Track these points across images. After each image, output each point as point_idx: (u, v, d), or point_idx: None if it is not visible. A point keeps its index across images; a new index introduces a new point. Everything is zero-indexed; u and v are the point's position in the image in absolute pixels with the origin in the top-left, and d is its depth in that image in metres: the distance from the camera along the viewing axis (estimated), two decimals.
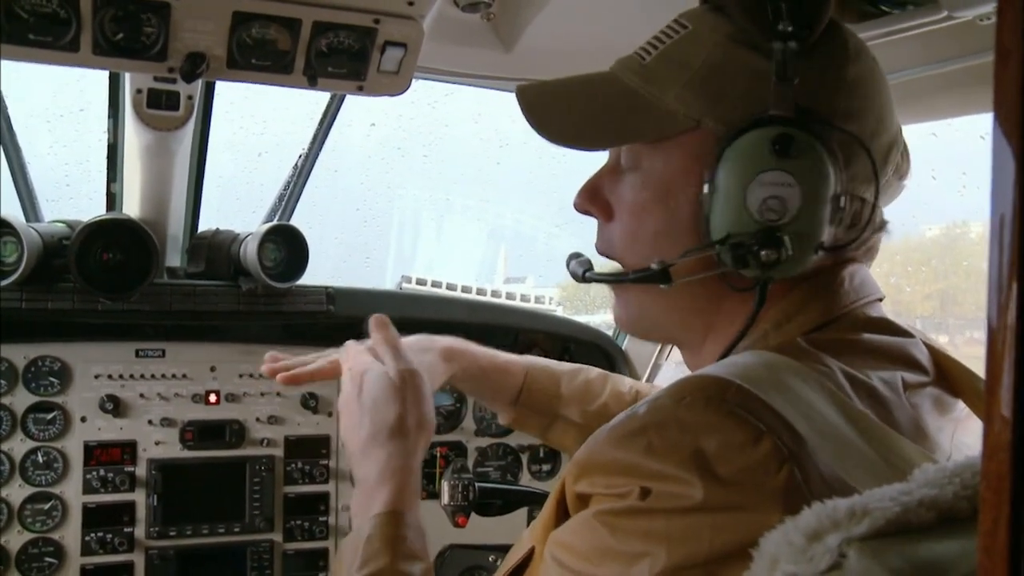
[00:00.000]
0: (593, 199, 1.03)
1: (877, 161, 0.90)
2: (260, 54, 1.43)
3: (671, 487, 0.72)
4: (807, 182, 0.86)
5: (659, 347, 2.45)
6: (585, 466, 0.81)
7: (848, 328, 0.90)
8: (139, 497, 2.08)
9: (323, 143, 2.32)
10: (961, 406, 0.93)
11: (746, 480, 0.70)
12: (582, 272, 1.08)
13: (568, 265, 1.11)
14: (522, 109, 1.03)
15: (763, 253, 0.86)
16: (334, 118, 2.26)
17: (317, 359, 1.48)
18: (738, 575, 0.67)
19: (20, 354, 2.04)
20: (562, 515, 0.87)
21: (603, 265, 1.09)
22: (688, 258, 0.92)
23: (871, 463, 0.74)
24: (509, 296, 2.64)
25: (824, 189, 0.86)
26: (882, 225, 0.98)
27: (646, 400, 0.80)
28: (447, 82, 1.87)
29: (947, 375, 0.93)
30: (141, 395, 2.11)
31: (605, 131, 0.99)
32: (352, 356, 1.30)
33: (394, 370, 1.23)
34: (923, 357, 0.92)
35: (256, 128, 2.63)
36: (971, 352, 1.01)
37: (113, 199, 2.11)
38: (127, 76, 1.56)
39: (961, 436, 0.89)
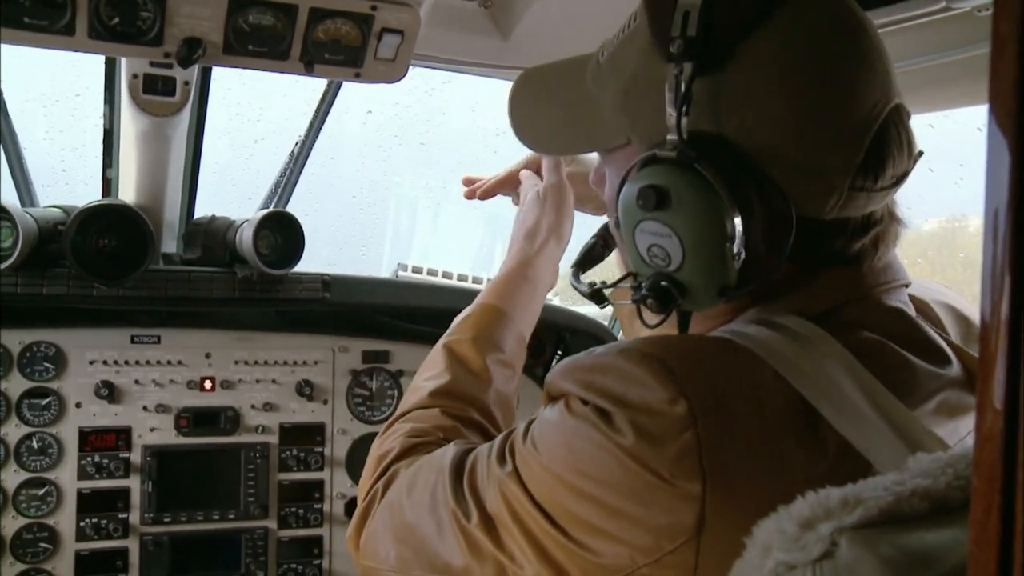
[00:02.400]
0: (599, 181, 1.03)
1: (807, 176, 0.80)
2: (257, 40, 1.43)
3: (607, 413, 0.76)
4: (687, 231, 0.79)
5: None
6: (549, 384, 0.85)
7: (849, 323, 0.84)
8: (134, 483, 2.08)
9: (320, 130, 2.32)
10: (967, 401, 0.87)
11: (652, 434, 0.73)
12: (580, 269, 1.17)
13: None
14: (509, 109, 1.06)
15: (649, 302, 0.85)
16: (331, 105, 2.25)
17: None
18: (624, 513, 0.74)
19: (15, 339, 2.03)
20: None
21: None
22: (609, 287, 0.99)
23: (890, 444, 0.73)
24: None
25: (710, 235, 0.79)
26: (864, 230, 0.86)
27: (607, 345, 0.82)
28: (444, 70, 1.86)
29: (973, 375, 0.87)
30: (136, 381, 2.11)
31: (565, 137, 1.01)
32: (524, 178, 1.42)
33: (543, 184, 1.36)
34: (929, 373, 0.84)
35: (252, 115, 2.62)
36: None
37: (109, 185, 2.10)
38: (123, 61, 1.55)
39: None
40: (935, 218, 2.97)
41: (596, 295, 1.04)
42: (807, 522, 0.59)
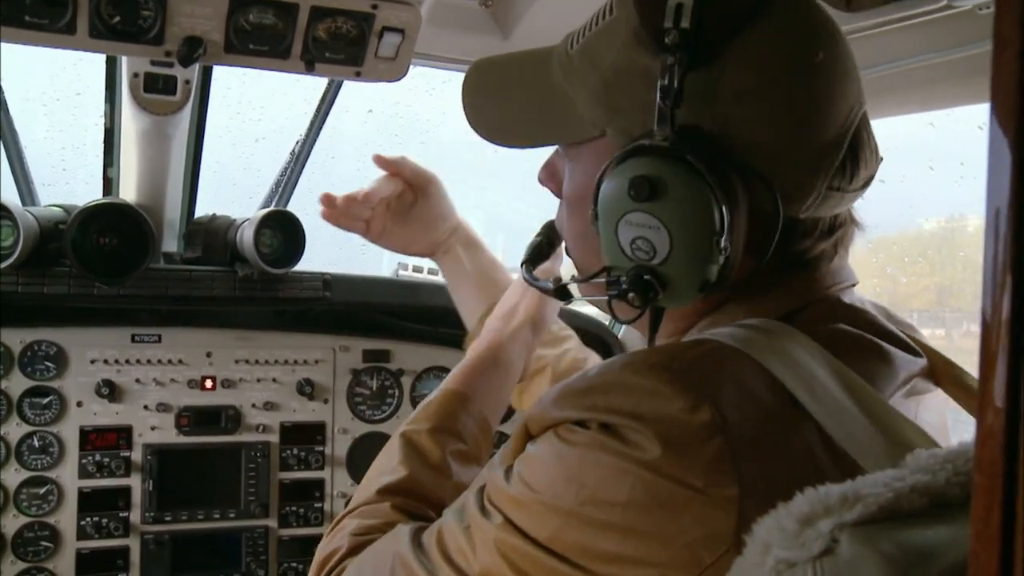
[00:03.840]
0: (549, 176, 1.02)
1: (792, 174, 0.81)
2: (257, 39, 1.43)
3: (617, 428, 0.73)
4: (676, 224, 0.78)
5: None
6: (535, 419, 0.81)
7: (822, 318, 0.85)
8: (135, 482, 2.09)
9: (320, 129, 2.32)
10: (934, 391, 0.90)
11: (677, 444, 0.70)
12: (531, 267, 1.14)
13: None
14: (463, 98, 1.02)
15: (630, 296, 0.83)
16: (331, 104, 2.25)
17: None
18: (651, 530, 0.70)
19: (16, 338, 2.04)
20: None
21: None
22: (580, 281, 0.94)
23: (871, 437, 0.73)
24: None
25: (699, 229, 0.78)
26: (831, 231, 0.88)
27: (598, 364, 0.80)
28: (445, 69, 1.87)
29: (929, 364, 0.90)
30: (137, 380, 2.11)
31: (528, 130, 0.97)
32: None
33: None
34: (899, 356, 0.86)
35: (253, 114, 2.62)
36: (967, 345, 0.99)
37: (110, 184, 2.10)
38: (124, 60, 1.55)
39: (922, 414, 0.86)
40: (935, 217, 2.97)
41: (561, 291, 1.00)
42: (807, 519, 0.59)
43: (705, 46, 0.78)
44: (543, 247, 1.17)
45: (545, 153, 1.04)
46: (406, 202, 1.54)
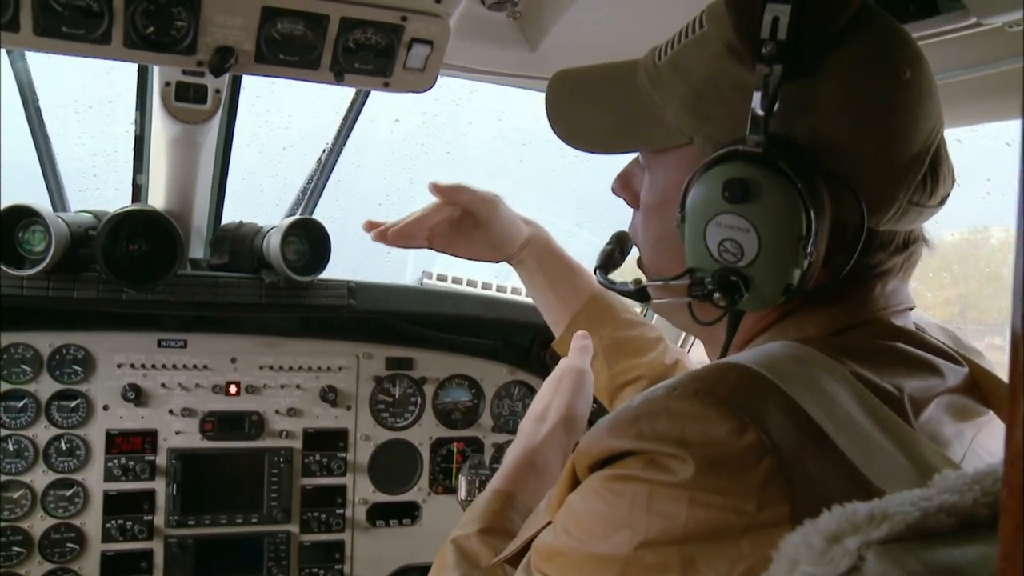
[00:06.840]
0: (624, 186, 1.05)
1: (876, 186, 0.84)
2: (288, 49, 1.45)
3: (663, 461, 0.73)
4: (765, 227, 0.81)
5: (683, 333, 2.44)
6: (583, 454, 0.82)
7: (869, 334, 0.87)
8: (159, 486, 2.11)
9: (347, 138, 2.34)
10: (989, 414, 0.90)
11: (726, 468, 0.70)
12: (604, 272, 1.15)
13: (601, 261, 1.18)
14: (546, 104, 1.05)
15: (715, 296, 0.85)
16: (358, 113, 2.27)
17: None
18: (711, 562, 0.69)
19: (45, 342, 2.06)
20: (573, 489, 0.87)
21: None
22: (661, 283, 0.95)
23: (893, 461, 0.73)
24: (529, 293, 2.63)
25: (787, 233, 0.81)
26: (905, 246, 0.90)
27: (642, 392, 0.80)
28: (472, 80, 1.88)
29: (979, 384, 0.91)
30: (163, 385, 2.13)
31: (613, 136, 1.00)
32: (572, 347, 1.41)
33: (563, 365, 1.33)
34: (946, 366, 0.88)
35: (281, 122, 2.64)
36: (991, 358, 0.99)
37: (139, 190, 2.13)
38: (156, 69, 1.58)
39: (983, 441, 0.86)
40: (957, 229, 2.94)
41: (640, 293, 1.01)
42: (834, 536, 0.59)
43: (801, 59, 0.81)
44: (614, 255, 1.19)
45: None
46: (467, 224, 1.56)
